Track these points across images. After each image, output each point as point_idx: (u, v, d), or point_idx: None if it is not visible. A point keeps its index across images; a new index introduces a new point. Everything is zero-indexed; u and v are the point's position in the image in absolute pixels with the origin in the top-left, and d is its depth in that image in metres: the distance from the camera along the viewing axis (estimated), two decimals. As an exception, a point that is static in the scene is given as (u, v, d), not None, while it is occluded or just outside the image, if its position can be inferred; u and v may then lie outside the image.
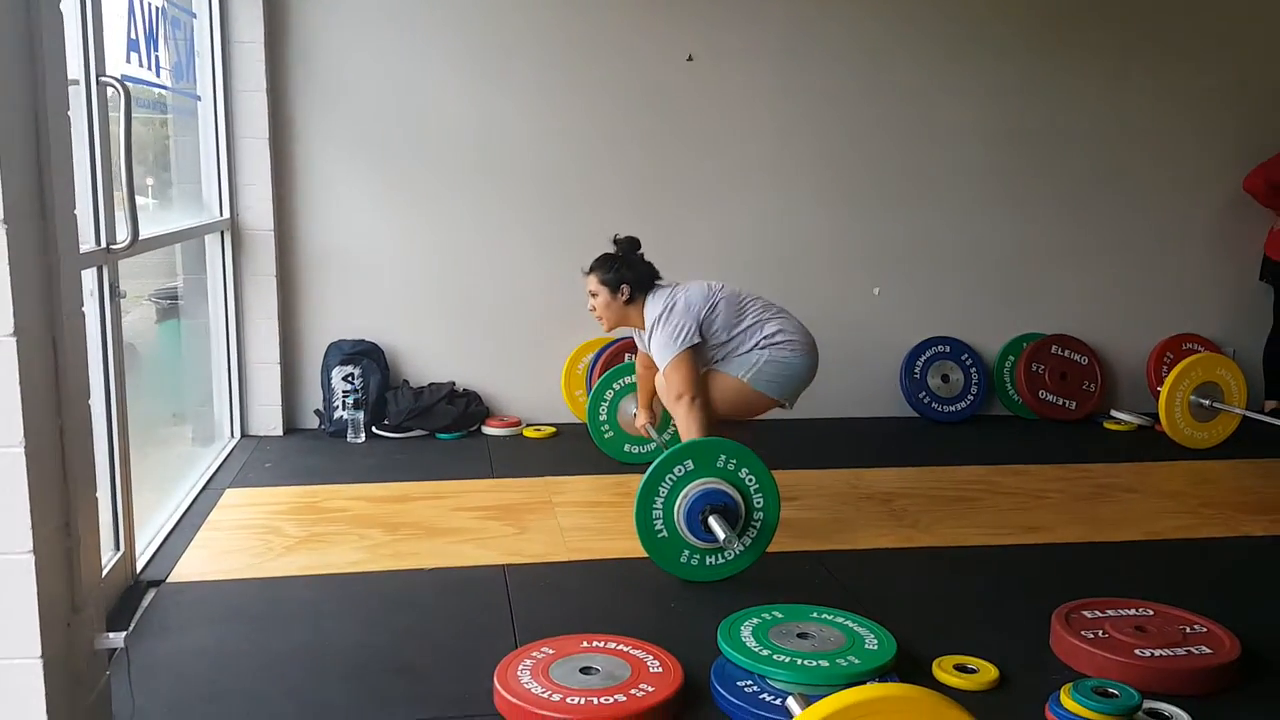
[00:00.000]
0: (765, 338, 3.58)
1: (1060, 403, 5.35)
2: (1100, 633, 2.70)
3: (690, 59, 4.90)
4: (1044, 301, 5.45)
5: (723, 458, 3.18)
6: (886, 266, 5.26)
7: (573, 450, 4.63)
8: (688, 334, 3.49)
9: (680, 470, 3.16)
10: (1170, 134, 5.38)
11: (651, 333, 3.56)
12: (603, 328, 3.76)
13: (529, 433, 4.88)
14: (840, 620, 2.80)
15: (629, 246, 3.70)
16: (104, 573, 2.70)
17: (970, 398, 5.33)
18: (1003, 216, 5.31)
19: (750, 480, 3.19)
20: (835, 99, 5.06)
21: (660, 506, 3.16)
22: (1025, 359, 5.32)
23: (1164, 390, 4.83)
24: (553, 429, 4.92)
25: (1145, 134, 5.35)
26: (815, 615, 2.83)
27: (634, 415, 4.24)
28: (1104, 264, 5.45)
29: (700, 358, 3.56)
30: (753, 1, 4.90)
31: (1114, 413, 5.36)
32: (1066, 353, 5.39)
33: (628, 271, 3.64)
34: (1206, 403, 4.85)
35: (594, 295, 3.68)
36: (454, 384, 4.93)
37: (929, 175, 5.21)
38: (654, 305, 3.59)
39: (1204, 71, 5.34)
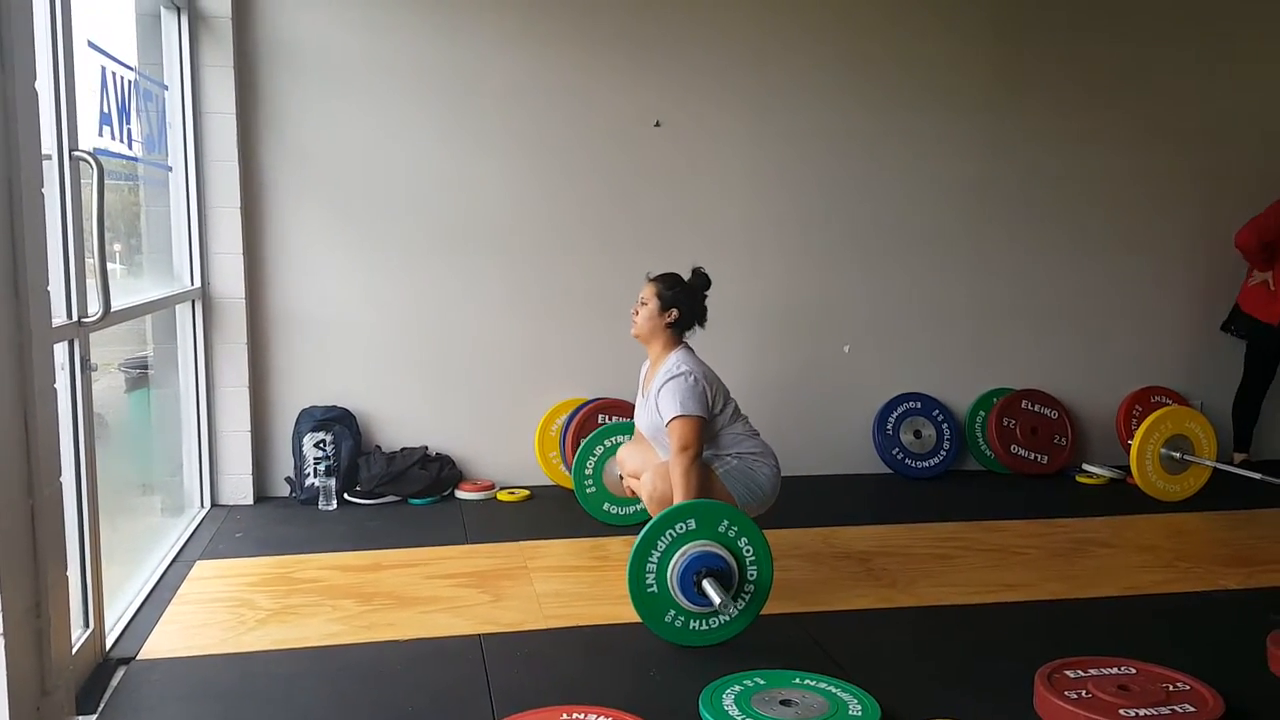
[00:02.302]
0: (744, 451, 3.67)
1: (1032, 457, 5.38)
2: (1084, 693, 2.69)
3: (658, 124, 4.96)
4: (1012, 356, 5.51)
5: (725, 523, 3.17)
6: (856, 324, 5.31)
7: (548, 513, 4.61)
8: (708, 404, 3.56)
9: (682, 528, 3.14)
10: (1131, 190, 5.49)
11: (668, 378, 3.59)
12: (632, 329, 3.80)
13: (503, 496, 4.84)
14: (823, 685, 2.78)
15: (700, 282, 3.80)
16: (73, 651, 2.65)
17: (943, 453, 5.35)
18: (969, 273, 5.38)
19: (748, 551, 3.18)
20: (803, 159, 5.13)
21: (656, 560, 3.13)
22: (996, 414, 5.36)
23: (1135, 444, 4.87)
24: (527, 492, 4.89)
25: (1107, 190, 5.46)
26: (798, 681, 2.81)
27: (620, 477, 4.22)
28: (1070, 318, 5.52)
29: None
30: (721, 66, 4.98)
31: (1086, 466, 5.40)
32: (1036, 407, 5.43)
33: (685, 301, 3.74)
34: (1177, 455, 4.90)
35: (644, 303, 3.75)
36: (426, 448, 4.90)
37: (896, 233, 5.28)
38: (682, 358, 3.67)
39: (1165, 129, 5.47)
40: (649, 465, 3.68)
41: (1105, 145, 5.42)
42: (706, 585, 3.07)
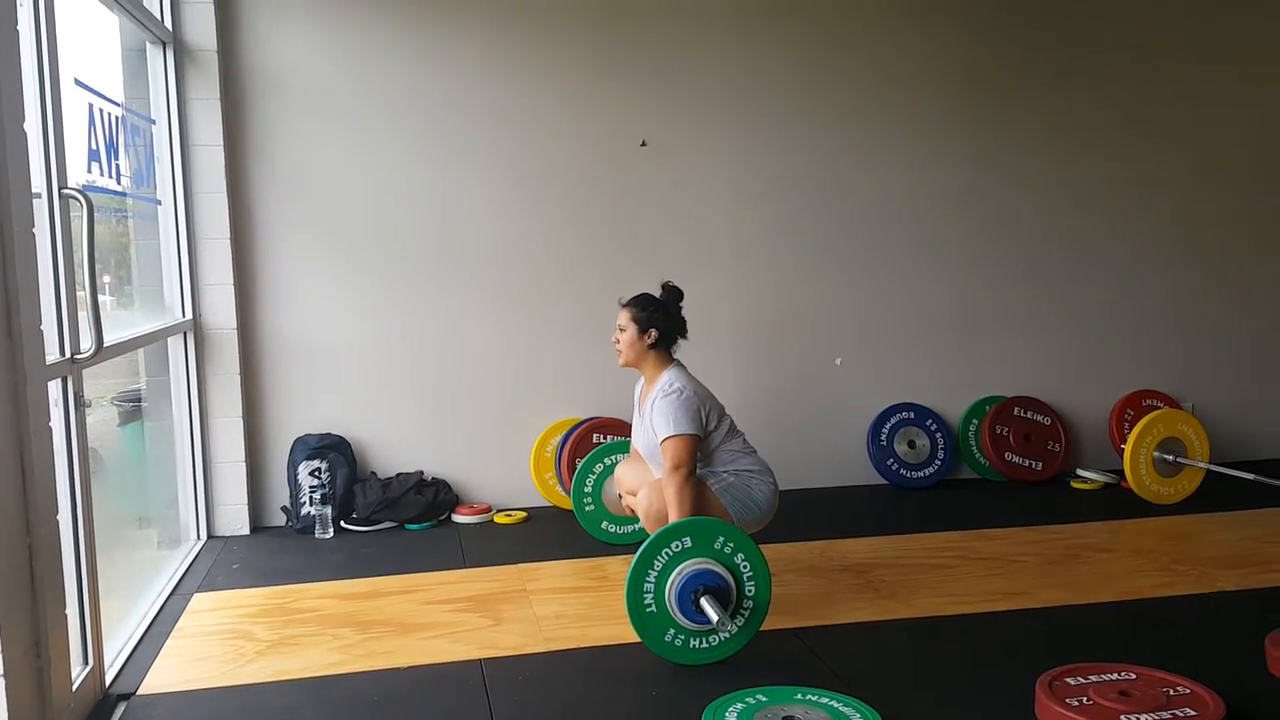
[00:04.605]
0: (741, 468, 3.67)
1: (1026, 464, 5.40)
2: (1085, 699, 2.70)
3: (644, 144, 4.98)
4: (1003, 364, 5.53)
5: (721, 539, 3.17)
6: (847, 336, 5.33)
7: (545, 535, 4.61)
8: (700, 422, 3.56)
9: (678, 546, 3.15)
10: (1119, 195, 5.53)
11: (661, 396, 3.60)
12: (619, 360, 3.81)
13: (500, 519, 4.84)
14: (825, 700, 2.78)
15: (671, 296, 3.80)
16: (73, 689, 2.64)
17: (938, 463, 5.37)
18: (958, 281, 5.41)
19: (745, 567, 3.18)
20: (789, 174, 5.16)
21: (653, 580, 3.14)
22: (989, 422, 5.38)
23: (1128, 448, 4.89)
24: (524, 514, 4.89)
25: (1094, 196, 5.50)
26: (800, 696, 2.81)
27: (619, 496, 4.22)
28: (1060, 324, 5.55)
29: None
30: (704, 83, 5.01)
31: (1080, 471, 5.42)
32: (1029, 414, 5.45)
33: (661, 319, 3.73)
34: (1170, 458, 4.92)
35: (622, 330, 3.76)
36: (422, 473, 4.90)
37: (884, 244, 5.31)
38: (675, 376, 3.68)
39: (1150, 133, 5.52)
40: (646, 482, 3.69)
41: (1089, 150, 5.46)
42: (704, 603, 3.07)
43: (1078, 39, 5.38)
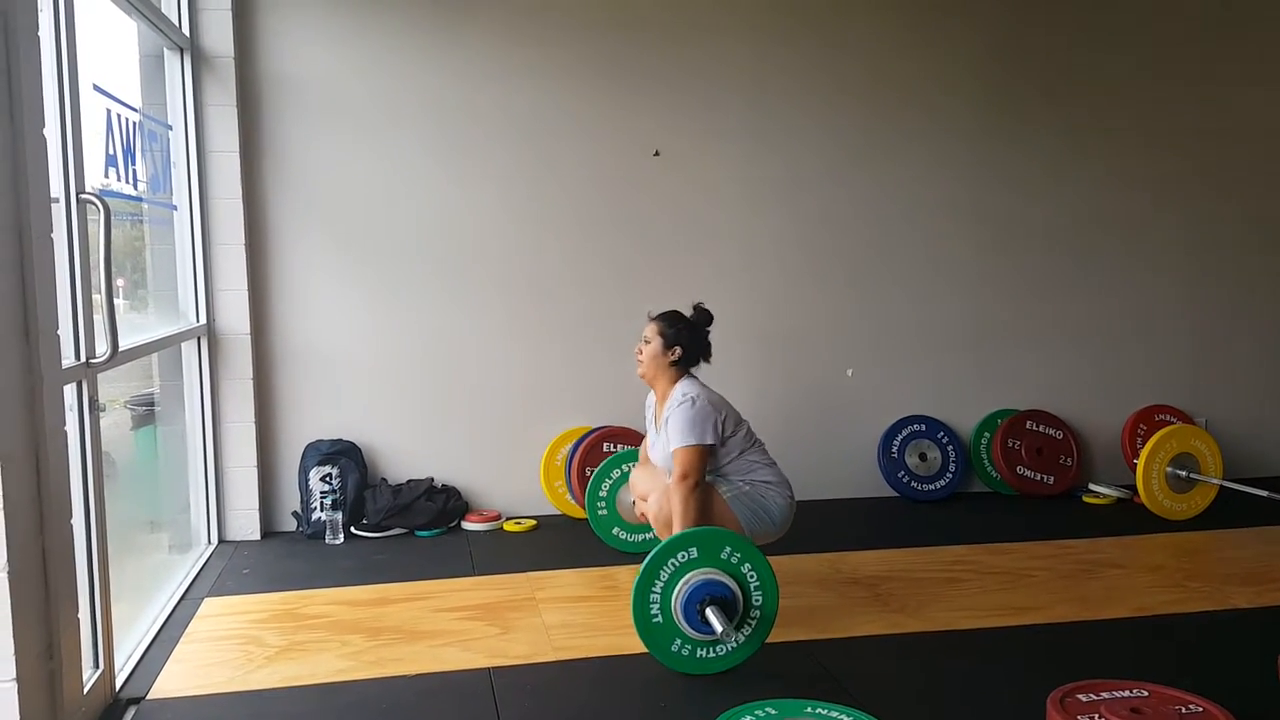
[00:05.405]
0: (757, 479, 3.66)
1: (1038, 478, 5.38)
2: (1096, 717, 2.68)
3: (657, 154, 4.99)
4: (1016, 377, 5.51)
5: (727, 549, 3.17)
6: (859, 347, 5.32)
7: (554, 543, 4.60)
8: (714, 430, 3.56)
9: (684, 556, 3.15)
10: (1130, 209, 5.51)
11: (675, 406, 3.60)
12: (637, 370, 3.82)
13: (509, 526, 4.84)
14: (835, 714, 2.77)
15: (701, 318, 3.82)
16: (84, 692, 2.64)
17: (949, 475, 5.35)
18: (970, 294, 5.40)
19: (752, 577, 3.18)
20: (802, 184, 5.16)
21: (659, 590, 3.14)
22: (1001, 435, 5.36)
23: (1140, 463, 4.87)
24: (533, 522, 4.89)
25: (1107, 209, 5.48)
26: (809, 710, 2.80)
27: (634, 503, 4.22)
28: (1072, 338, 5.54)
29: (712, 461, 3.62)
30: (718, 93, 5.02)
31: (1092, 486, 5.39)
32: (1041, 428, 5.43)
33: (687, 338, 3.75)
34: (1183, 474, 4.90)
35: (646, 342, 3.77)
36: (432, 480, 4.90)
37: (897, 256, 5.30)
38: (689, 386, 3.69)
39: (1162, 146, 5.50)
40: (658, 488, 3.69)
41: (1102, 163, 5.44)
42: (709, 614, 3.07)
43: (1089, 50, 5.37)
